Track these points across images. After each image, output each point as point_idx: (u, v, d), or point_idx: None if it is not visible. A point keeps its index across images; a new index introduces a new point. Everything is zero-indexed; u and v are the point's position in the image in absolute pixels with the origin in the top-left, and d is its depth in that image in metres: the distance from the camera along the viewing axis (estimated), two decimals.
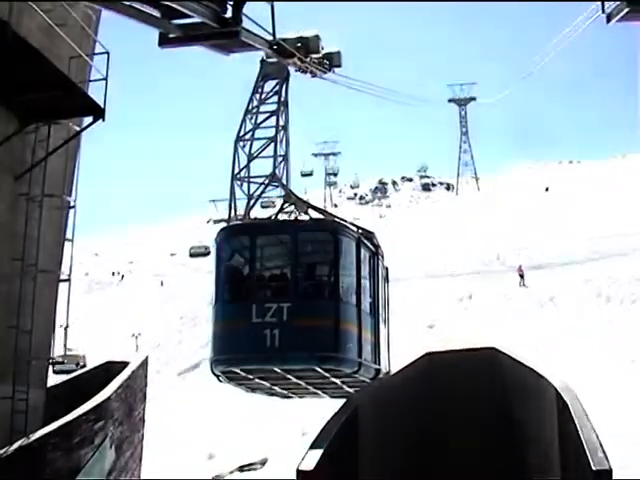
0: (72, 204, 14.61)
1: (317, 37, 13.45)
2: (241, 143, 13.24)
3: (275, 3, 9.53)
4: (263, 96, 13.57)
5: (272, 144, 13.19)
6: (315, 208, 14.01)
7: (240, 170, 13.25)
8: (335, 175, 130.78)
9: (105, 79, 13.28)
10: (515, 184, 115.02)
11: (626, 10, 9.19)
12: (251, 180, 13.21)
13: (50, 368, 14.98)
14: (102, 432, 14.40)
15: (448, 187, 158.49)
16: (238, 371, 11.96)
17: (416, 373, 14.77)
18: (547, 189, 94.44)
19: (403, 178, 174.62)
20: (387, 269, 13.93)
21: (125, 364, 16.87)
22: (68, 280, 14.79)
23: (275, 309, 10.96)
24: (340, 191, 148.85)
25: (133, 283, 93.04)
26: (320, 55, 13.72)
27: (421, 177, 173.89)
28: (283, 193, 13.36)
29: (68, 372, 20.34)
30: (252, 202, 13.10)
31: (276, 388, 13.34)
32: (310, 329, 11.14)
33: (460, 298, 46.63)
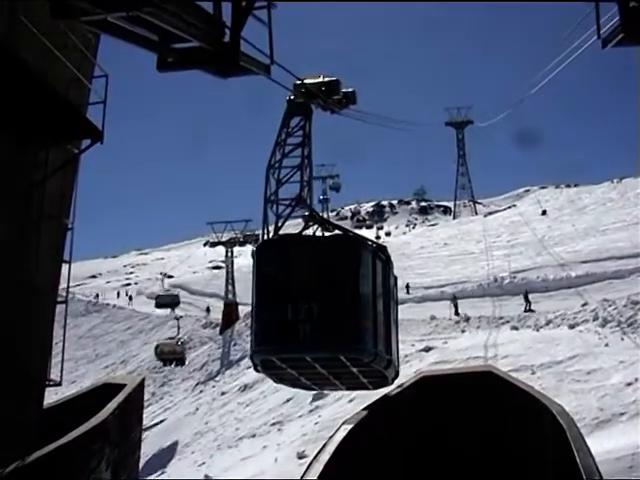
0: (70, 226, 14.66)
1: (338, 81, 15.62)
2: (271, 171, 14.96)
3: (278, 35, 9.62)
4: (290, 130, 15.31)
5: (298, 171, 15.01)
6: (336, 226, 16.01)
7: (271, 194, 14.95)
8: (337, 190, 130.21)
9: (104, 102, 13.41)
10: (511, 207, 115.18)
11: (621, 35, 9.13)
12: (280, 202, 15.00)
13: None
14: (98, 454, 14.36)
15: (445, 210, 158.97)
16: (274, 359, 13.57)
17: (411, 395, 14.86)
18: (544, 212, 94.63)
19: (400, 201, 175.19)
20: (396, 277, 15.53)
21: (122, 386, 16.85)
22: (65, 302, 14.85)
23: (306, 308, 12.83)
24: (337, 214, 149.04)
25: (128, 305, 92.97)
26: (340, 96, 15.77)
27: (418, 200, 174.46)
28: (307, 213, 15.21)
29: None
30: (281, 221, 14.84)
31: (302, 378, 14.80)
32: (335, 325, 12.90)
33: (457, 321, 46.66)
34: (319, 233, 15.16)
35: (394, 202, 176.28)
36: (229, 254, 78.83)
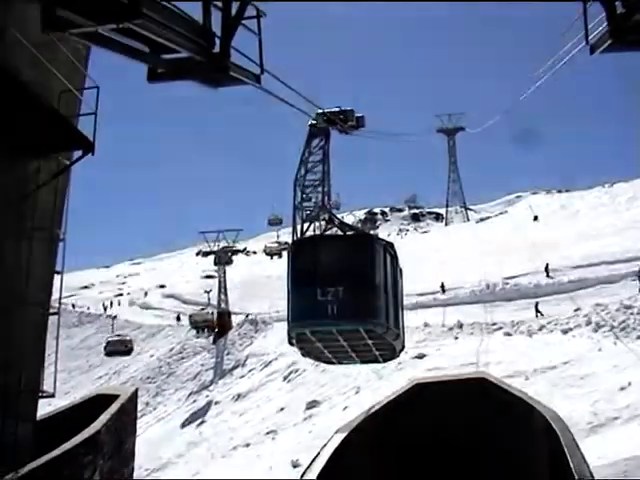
0: (62, 237, 14.64)
1: (353, 110, 19.10)
2: (298, 183, 18.32)
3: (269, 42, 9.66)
4: (312, 149, 18.64)
5: (320, 184, 18.39)
6: (351, 227, 20.45)
7: (299, 203, 18.24)
8: (338, 209, 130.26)
9: (94, 113, 13.42)
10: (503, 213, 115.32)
11: (610, 41, 9.08)
12: (306, 209, 18.42)
13: None
14: (91, 466, 14.31)
15: (437, 217, 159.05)
16: (306, 332, 16.58)
17: (404, 403, 14.95)
18: (536, 218, 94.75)
19: (392, 209, 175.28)
20: (401, 269, 18.62)
21: (115, 396, 16.81)
22: (57, 313, 14.81)
23: (333, 291, 15.82)
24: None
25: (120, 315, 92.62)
26: (354, 122, 19.16)
27: (410, 207, 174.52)
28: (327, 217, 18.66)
29: None
30: (307, 225, 18.25)
31: (325, 352, 17.72)
32: (356, 303, 15.80)
33: (450, 327, 46.53)
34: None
35: (386, 209, 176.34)
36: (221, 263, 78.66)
